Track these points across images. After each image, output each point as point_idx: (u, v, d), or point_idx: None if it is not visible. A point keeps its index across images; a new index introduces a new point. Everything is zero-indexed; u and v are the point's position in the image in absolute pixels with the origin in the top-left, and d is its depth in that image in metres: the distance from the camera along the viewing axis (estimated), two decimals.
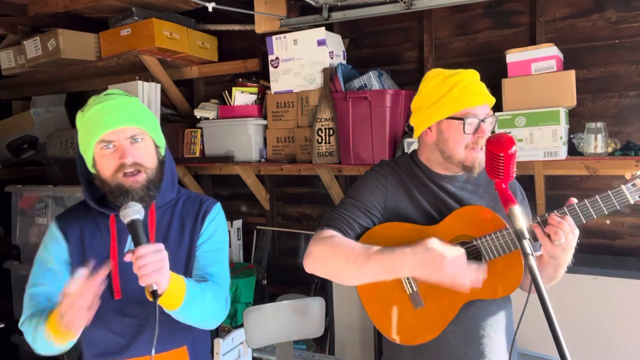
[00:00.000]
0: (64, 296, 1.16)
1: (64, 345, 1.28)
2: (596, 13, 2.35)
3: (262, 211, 3.39)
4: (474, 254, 1.32)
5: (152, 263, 1.13)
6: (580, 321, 2.16)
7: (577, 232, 1.20)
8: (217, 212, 1.48)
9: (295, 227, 3.32)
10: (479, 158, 1.33)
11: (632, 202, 1.21)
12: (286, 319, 2.17)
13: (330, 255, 1.28)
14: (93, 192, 1.37)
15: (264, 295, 3.18)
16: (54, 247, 1.37)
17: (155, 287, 1.14)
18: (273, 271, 3.33)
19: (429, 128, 1.39)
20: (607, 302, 2.15)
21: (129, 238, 1.32)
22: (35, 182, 3.24)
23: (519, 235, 1.11)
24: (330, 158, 2.69)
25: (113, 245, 1.34)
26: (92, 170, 1.35)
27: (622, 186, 1.22)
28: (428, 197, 1.39)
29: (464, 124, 1.31)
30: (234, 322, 2.92)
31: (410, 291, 1.33)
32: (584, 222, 1.23)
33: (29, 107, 3.81)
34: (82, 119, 1.32)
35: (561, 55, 2.31)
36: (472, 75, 1.36)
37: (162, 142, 1.41)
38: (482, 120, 1.33)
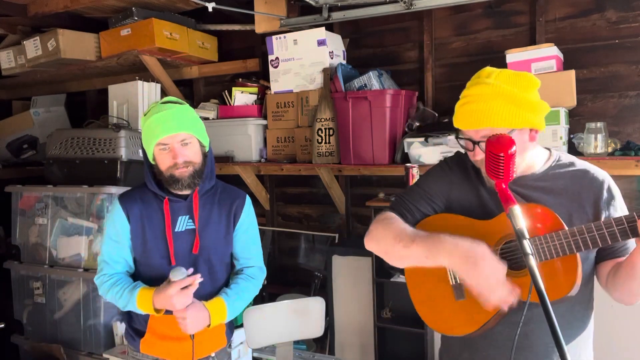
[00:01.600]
0: (166, 287, 1.56)
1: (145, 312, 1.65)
2: (596, 13, 2.36)
3: (262, 211, 3.39)
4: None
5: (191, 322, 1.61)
6: None
7: None
8: (248, 207, 1.84)
9: (295, 227, 3.32)
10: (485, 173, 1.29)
11: None
12: (286, 319, 2.17)
13: (383, 235, 1.34)
14: (151, 178, 1.70)
15: (264, 295, 3.18)
16: (119, 225, 1.70)
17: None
18: (273, 271, 3.33)
19: None
20: (607, 302, 2.15)
21: (179, 220, 1.70)
22: (35, 182, 3.23)
23: (519, 235, 1.11)
24: (330, 158, 2.69)
25: (168, 224, 1.68)
26: (153, 162, 1.67)
27: None
28: (492, 193, 1.32)
29: (460, 143, 1.32)
30: (234, 322, 2.92)
31: (454, 282, 1.33)
32: None
33: (29, 107, 3.81)
34: (145, 122, 1.64)
35: (561, 55, 2.31)
36: (475, 93, 1.26)
37: (206, 140, 1.72)
38: (476, 143, 1.27)
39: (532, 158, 1.35)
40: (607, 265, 1.30)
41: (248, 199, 1.86)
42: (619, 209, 1.35)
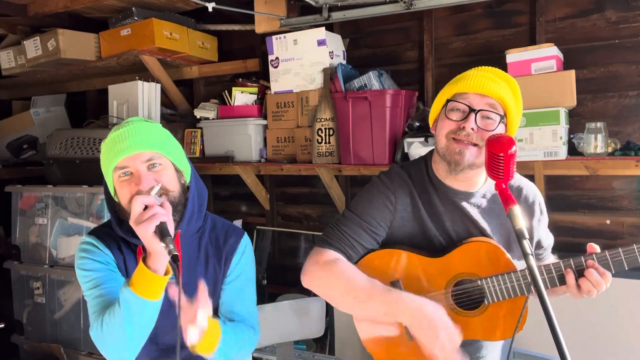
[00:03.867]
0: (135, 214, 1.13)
1: (155, 300, 1.18)
2: (596, 13, 2.35)
3: (262, 211, 3.39)
4: (477, 294, 1.27)
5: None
6: (580, 321, 2.16)
7: (609, 284, 1.15)
8: (243, 250, 1.45)
9: (295, 227, 3.32)
10: (465, 153, 1.24)
11: None
12: (286, 319, 2.17)
13: (331, 283, 1.24)
14: (121, 221, 1.31)
15: (264, 295, 3.18)
16: (99, 257, 1.32)
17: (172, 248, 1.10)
18: (273, 271, 3.33)
19: (434, 125, 1.34)
20: (607, 302, 2.15)
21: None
22: (35, 182, 3.23)
23: (519, 236, 1.11)
24: (330, 158, 2.69)
25: None
26: (115, 199, 1.30)
27: None
28: (436, 219, 1.31)
29: (445, 108, 1.26)
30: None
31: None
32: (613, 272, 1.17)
33: (29, 107, 3.80)
34: (103, 146, 1.29)
35: (561, 55, 2.31)
36: (482, 69, 1.29)
37: (186, 167, 1.34)
38: (473, 111, 1.23)
39: (478, 175, 1.32)
40: None
41: (245, 238, 1.47)
42: (545, 225, 1.40)
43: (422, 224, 1.32)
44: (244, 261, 1.45)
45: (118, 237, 1.34)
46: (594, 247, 1.21)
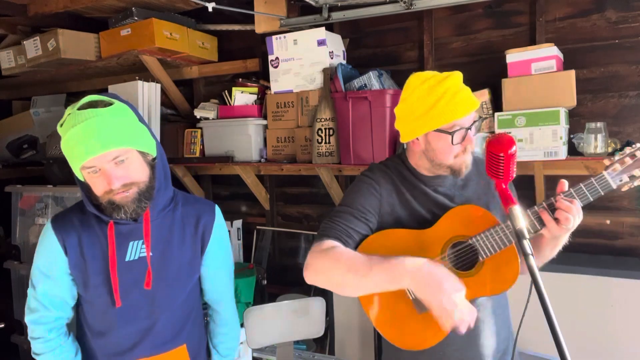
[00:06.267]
0: None
1: None
2: (596, 13, 2.35)
3: (262, 211, 3.39)
4: (471, 253, 1.32)
5: None
6: (580, 321, 2.16)
7: (581, 214, 1.24)
8: (219, 221, 1.52)
9: (295, 227, 3.32)
10: (467, 161, 1.36)
11: (614, 187, 1.26)
12: (286, 319, 2.17)
13: (332, 267, 1.27)
14: (91, 198, 1.36)
15: (264, 295, 3.18)
16: (54, 257, 1.36)
17: None
18: (273, 271, 3.33)
19: (417, 138, 1.38)
20: (607, 302, 2.15)
21: (130, 246, 1.36)
22: (35, 182, 3.24)
23: (519, 236, 1.11)
24: (330, 158, 2.69)
25: (112, 254, 1.33)
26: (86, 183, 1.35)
27: (604, 172, 1.27)
28: (421, 199, 1.40)
29: (452, 138, 1.31)
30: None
31: (413, 296, 1.33)
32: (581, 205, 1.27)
33: (29, 107, 3.80)
34: (63, 138, 1.27)
35: (561, 55, 2.31)
36: (457, 82, 1.33)
37: (149, 144, 1.36)
38: (468, 128, 1.33)
39: None
40: None
41: (218, 211, 1.53)
42: (514, 192, 1.47)
43: (408, 206, 1.39)
44: (223, 232, 1.52)
45: (80, 225, 1.37)
46: (563, 184, 1.30)
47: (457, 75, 1.35)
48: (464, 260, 1.33)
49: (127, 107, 1.33)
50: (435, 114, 1.31)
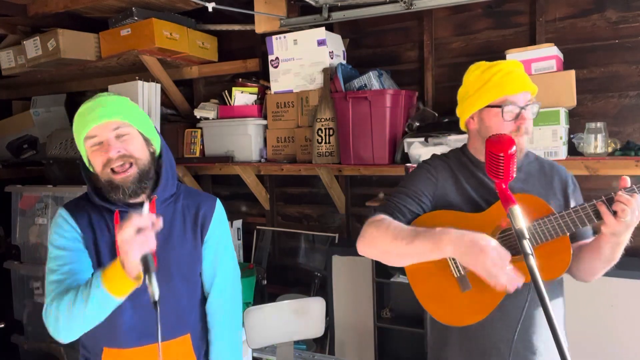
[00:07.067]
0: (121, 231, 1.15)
1: (121, 298, 1.24)
2: (596, 13, 2.35)
3: (262, 211, 3.39)
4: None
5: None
6: (580, 321, 2.16)
7: None
8: (218, 213, 1.53)
9: (295, 227, 3.32)
10: (521, 144, 1.37)
11: None
12: (286, 319, 2.17)
13: (380, 236, 1.33)
14: (97, 189, 1.41)
15: (264, 295, 3.18)
16: (68, 233, 1.39)
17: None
18: (273, 271, 3.34)
19: (472, 117, 1.42)
20: (607, 302, 2.15)
21: None
22: (35, 182, 3.24)
23: (519, 235, 1.11)
24: (330, 158, 2.69)
25: (117, 242, 1.33)
26: (90, 169, 1.39)
27: None
28: (476, 186, 1.42)
29: (502, 111, 1.34)
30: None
31: (458, 274, 1.35)
32: None
33: (29, 107, 3.81)
34: (74, 120, 1.37)
35: (561, 55, 2.31)
36: (513, 65, 1.39)
37: (154, 136, 1.43)
38: (522, 108, 1.35)
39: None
40: (573, 247, 1.38)
41: (218, 203, 1.55)
42: (579, 196, 1.51)
43: (464, 193, 1.42)
44: (222, 224, 1.54)
45: (90, 210, 1.40)
46: (626, 180, 1.27)
47: (515, 61, 1.40)
48: (513, 246, 1.31)
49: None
50: (488, 88, 1.36)
